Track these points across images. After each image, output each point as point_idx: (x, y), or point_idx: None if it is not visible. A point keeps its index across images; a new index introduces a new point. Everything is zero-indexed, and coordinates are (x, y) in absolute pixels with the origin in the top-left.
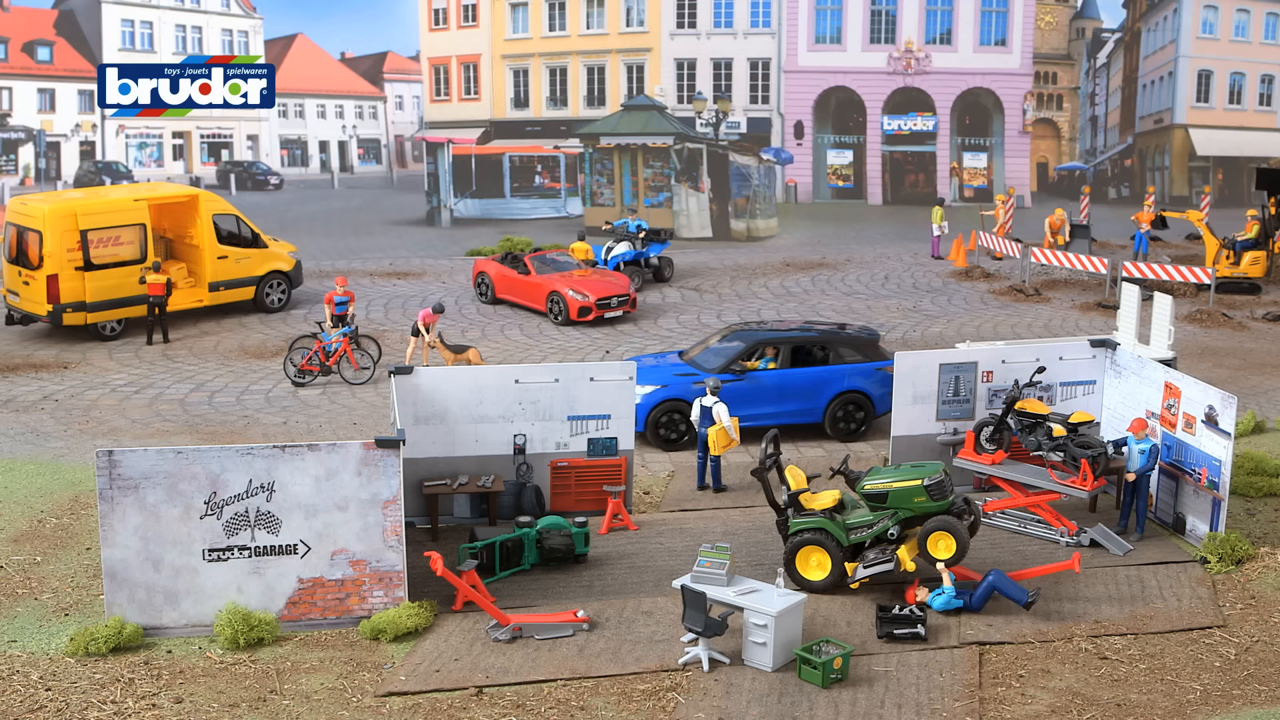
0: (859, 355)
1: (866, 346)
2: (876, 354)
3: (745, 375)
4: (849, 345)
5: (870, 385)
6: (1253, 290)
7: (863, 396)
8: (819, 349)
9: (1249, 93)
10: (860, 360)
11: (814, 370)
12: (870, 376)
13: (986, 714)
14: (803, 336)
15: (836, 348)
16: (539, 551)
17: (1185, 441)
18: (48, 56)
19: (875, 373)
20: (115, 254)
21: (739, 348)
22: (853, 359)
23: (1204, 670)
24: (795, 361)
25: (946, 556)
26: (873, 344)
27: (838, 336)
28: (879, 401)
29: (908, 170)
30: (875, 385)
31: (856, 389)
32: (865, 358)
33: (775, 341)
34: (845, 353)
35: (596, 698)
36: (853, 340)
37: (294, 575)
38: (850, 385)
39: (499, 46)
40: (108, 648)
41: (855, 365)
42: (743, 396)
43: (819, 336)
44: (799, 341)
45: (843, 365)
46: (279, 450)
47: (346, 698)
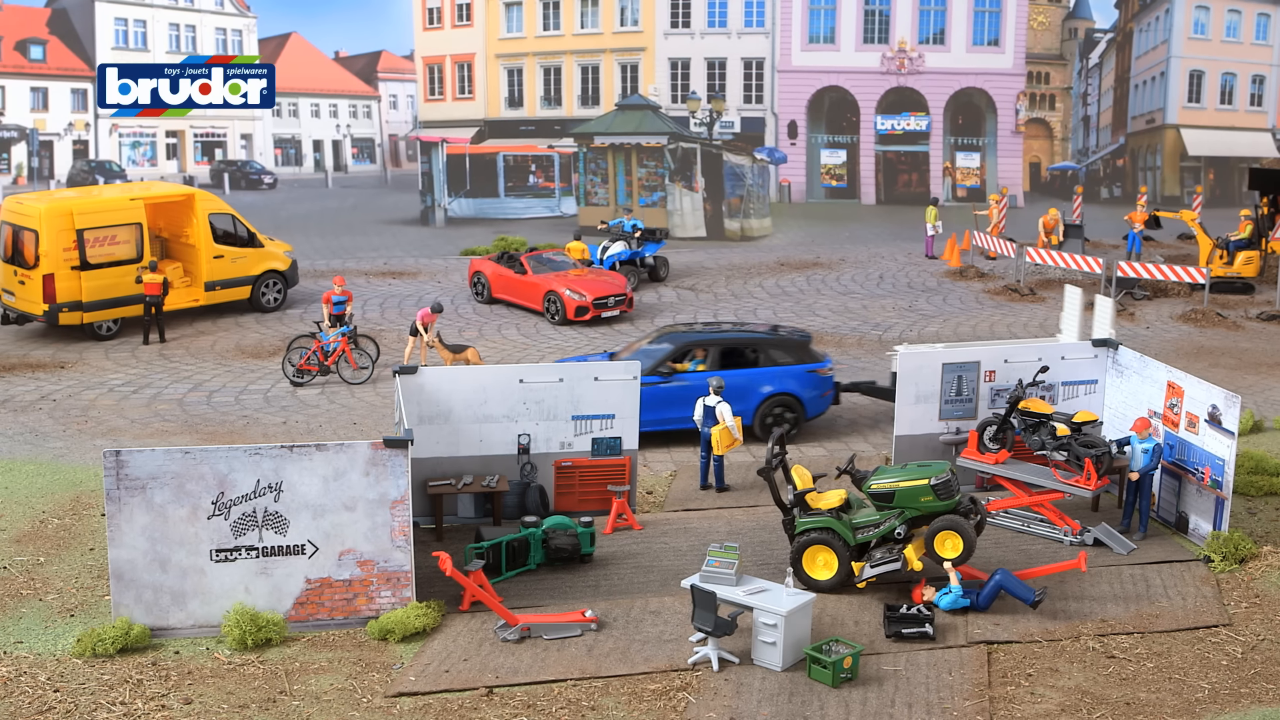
0: (790, 358)
1: (797, 349)
2: (808, 356)
3: (673, 377)
4: (779, 348)
5: (800, 388)
6: (1246, 290)
7: (793, 399)
8: (749, 351)
9: (1240, 93)
10: (791, 363)
11: (743, 372)
12: (800, 379)
13: (997, 713)
14: (732, 338)
15: (767, 350)
16: (545, 551)
17: (1188, 441)
18: (40, 55)
19: (806, 375)
20: (111, 253)
21: (667, 349)
22: (783, 361)
23: (1211, 669)
24: (725, 364)
25: (953, 556)
26: (804, 346)
27: (768, 339)
28: (810, 404)
29: (901, 170)
30: (806, 388)
31: (786, 391)
32: (796, 360)
33: (705, 343)
34: (776, 355)
35: (607, 697)
36: (783, 343)
37: (301, 575)
38: (780, 388)
39: (493, 46)
40: (115, 649)
41: (785, 368)
42: (670, 399)
43: (749, 339)
44: (728, 343)
45: (773, 368)
46: (287, 450)
47: (356, 698)
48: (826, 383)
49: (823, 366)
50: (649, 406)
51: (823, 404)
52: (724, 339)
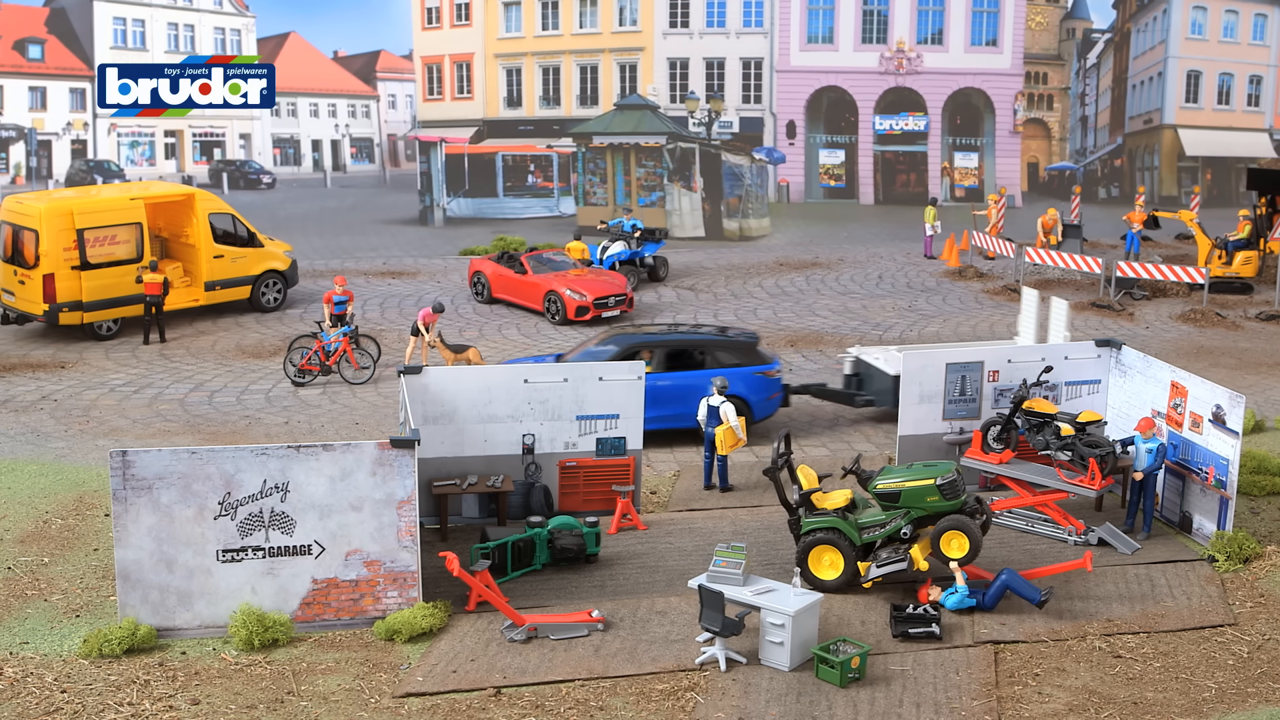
0: (737, 359)
1: (745, 351)
2: (755, 358)
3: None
4: (727, 349)
5: (747, 390)
6: (1245, 290)
7: (740, 401)
8: (696, 353)
9: (1237, 93)
10: (738, 364)
11: (688, 374)
12: (747, 381)
13: (1005, 713)
14: (677, 340)
15: (713, 352)
16: (550, 551)
17: (1192, 440)
18: (39, 54)
19: (753, 377)
20: (111, 253)
21: (613, 351)
22: (730, 363)
23: (1218, 668)
24: (671, 365)
25: (960, 556)
26: (751, 348)
27: (714, 340)
28: (757, 407)
29: (899, 170)
30: (753, 390)
31: (733, 394)
32: (743, 362)
33: (651, 345)
34: (722, 357)
35: (615, 698)
36: (730, 344)
37: (308, 576)
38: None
39: (492, 45)
40: (121, 649)
41: (732, 369)
42: None
43: (695, 340)
44: (674, 345)
45: (718, 369)
46: (293, 450)
47: (364, 699)
48: (775, 385)
49: (771, 368)
50: None
51: (771, 406)
52: (669, 341)
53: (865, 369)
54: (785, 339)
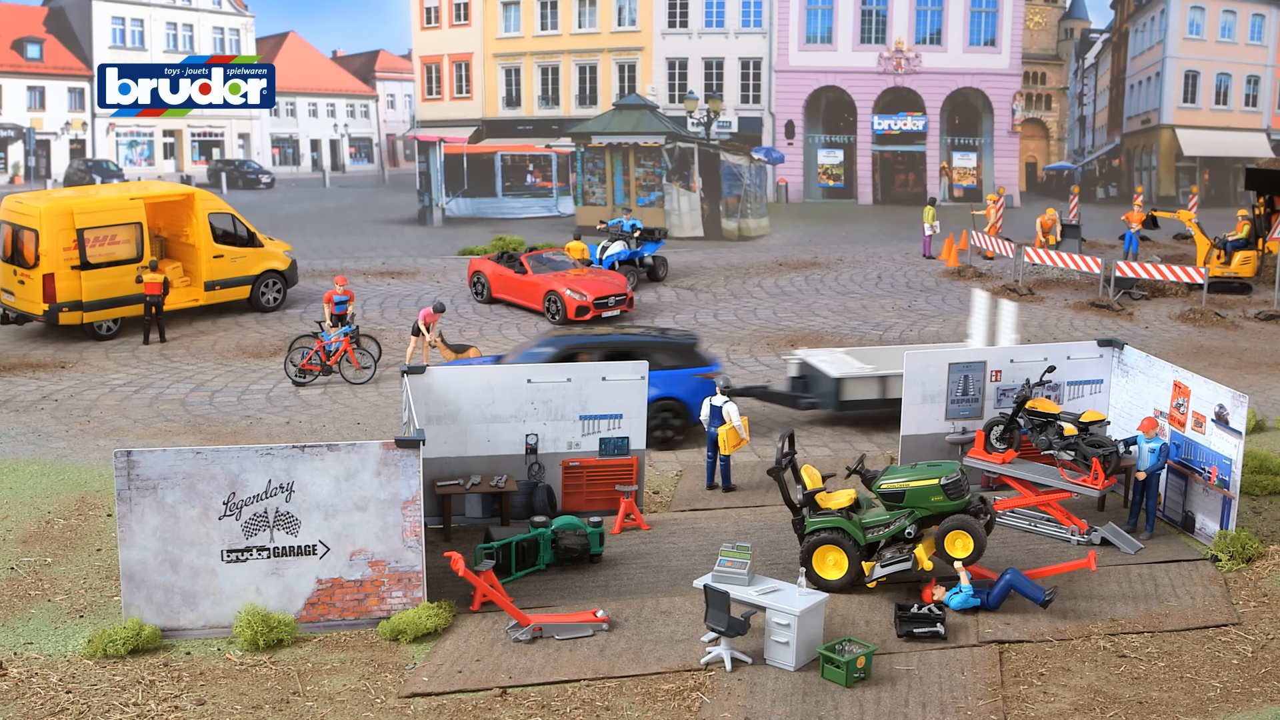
0: (675, 361)
1: (684, 353)
2: (695, 360)
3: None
4: (665, 351)
5: (686, 393)
6: (1243, 290)
7: (678, 404)
8: (633, 355)
9: (1235, 93)
10: (676, 366)
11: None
12: (686, 384)
13: (1011, 712)
14: (615, 342)
15: (651, 354)
16: (554, 551)
17: (1194, 440)
18: (37, 54)
19: (691, 380)
20: (111, 253)
21: (550, 353)
22: (669, 365)
23: (1222, 668)
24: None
25: (964, 555)
26: (690, 350)
27: (652, 342)
28: (696, 409)
29: (898, 170)
30: (691, 392)
31: (671, 396)
32: (682, 364)
33: (587, 347)
34: (661, 359)
35: (621, 698)
36: (669, 346)
37: (313, 576)
38: (664, 392)
39: (491, 45)
40: (126, 649)
41: (670, 372)
42: None
43: (632, 342)
44: (611, 347)
45: (657, 372)
46: (298, 450)
47: (370, 699)
48: (714, 387)
49: (710, 370)
50: None
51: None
52: (606, 342)
53: (810, 371)
54: (785, 339)
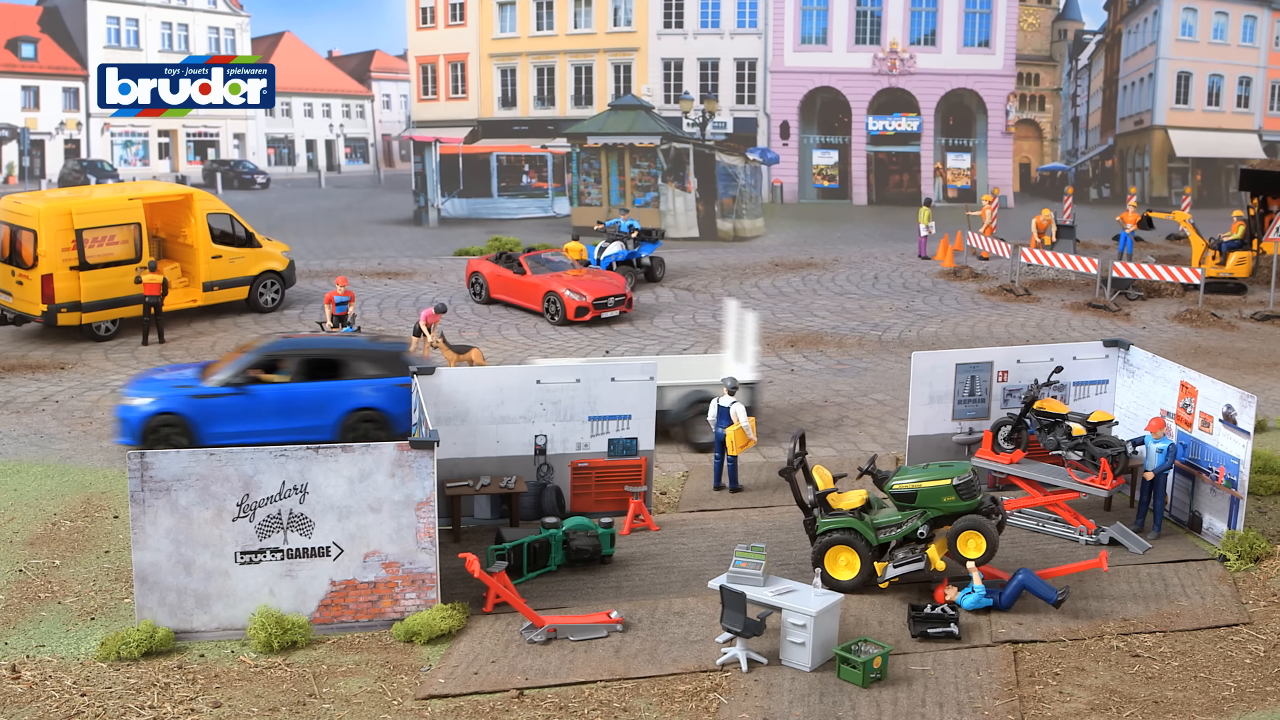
0: (380, 371)
1: (390, 362)
2: (399, 369)
3: (245, 389)
4: (370, 360)
5: (387, 402)
6: (1239, 290)
7: (379, 414)
8: (336, 363)
9: (1227, 94)
10: (380, 375)
11: (320, 385)
12: (388, 393)
13: (1028, 712)
14: (317, 349)
15: (355, 362)
16: (565, 552)
17: (1202, 440)
18: (32, 54)
19: (394, 389)
20: (110, 254)
21: (251, 360)
22: (372, 374)
23: (1235, 667)
24: (311, 375)
25: (976, 555)
26: (395, 358)
27: (357, 350)
28: (399, 420)
29: (892, 170)
30: (393, 402)
31: (371, 406)
32: (386, 373)
33: (289, 353)
34: (364, 368)
35: (638, 699)
36: (374, 355)
37: (326, 578)
38: (364, 402)
39: (486, 46)
40: (139, 652)
41: (371, 380)
42: (244, 411)
43: (334, 349)
44: (312, 354)
45: (357, 380)
46: (312, 452)
47: (387, 701)
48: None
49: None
50: (220, 418)
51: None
52: (306, 349)
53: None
54: (785, 339)
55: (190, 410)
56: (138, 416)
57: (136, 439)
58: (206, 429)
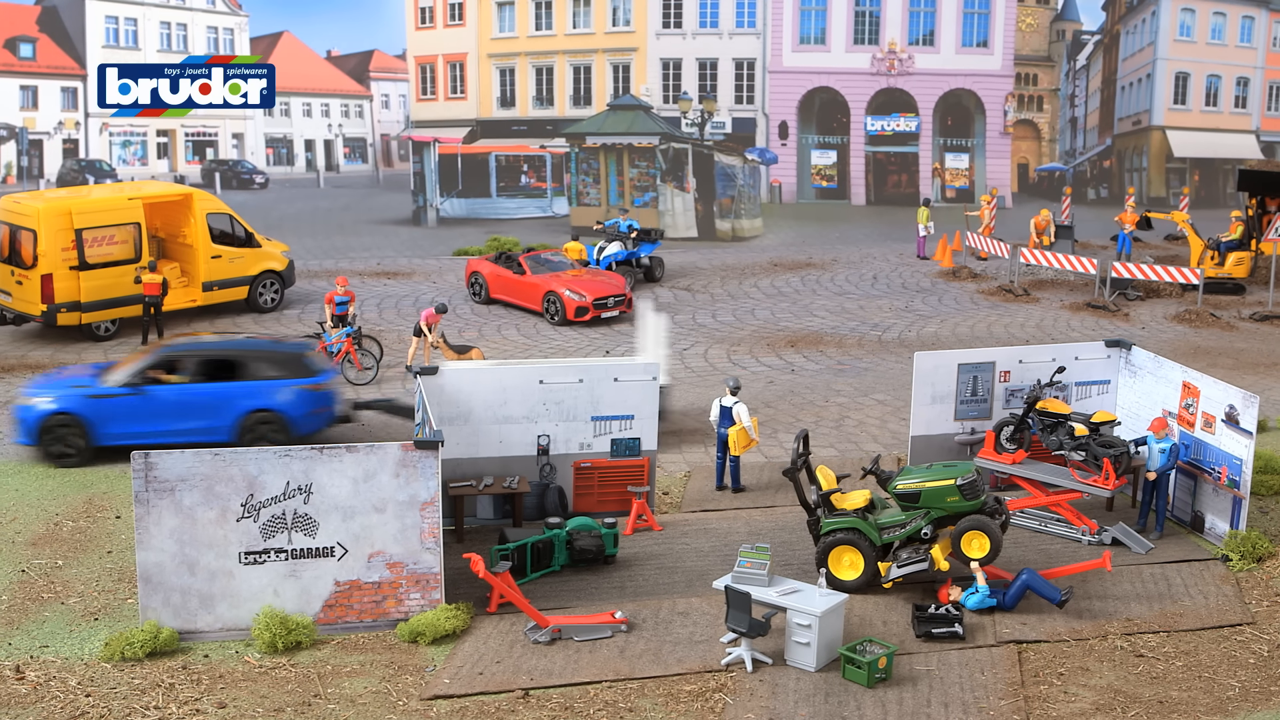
0: (278, 372)
1: (290, 364)
2: (300, 371)
3: (142, 390)
4: (268, 362)
5: (286, 404)
6: (1237, 290)
7: (276, 415)
8: (234, 364)
9: (1225, 95)
10: (279, 377)
11: (217, 386)
12: (285, 395)
13: (1033, 712)
14: (215, 350)
15: (253, 364)
16: (569, 553)
17: (1204, 440)
18: (30, 53)
19: (292, 391)
20: (110, 253)
21: (150, 361)
22: (270, 376)
23: (1239, 667)
24: (208, 376)
25: (980, 556)
26: (295, 360)
27: (255, 351)
28: (297, 422)
29: (890, 171)
30: (292, 404)
31: (268, 408)
32: (285, 374)
33: (187, 354)
34: (263, 369)
35: (643, 699)
36: (273, 356)
37: (330, 578)
38: (261, 403)
39: (485, 45)
40: (144, 652)
41: (269, 382)
42: (140, 411)
43: (233, 350)
44: (210, 355)
45: (254, 382)
46: (316, 452)
47: (392, 701)
48: (322, 399)
49: (316, 382)
50: (116, 419)
51: (315, 421)
52: (204, 350)
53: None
54: (785, 339)
55: (86, 410)
56: (34, 416)
57: (33, 438)
58: (102, 429)
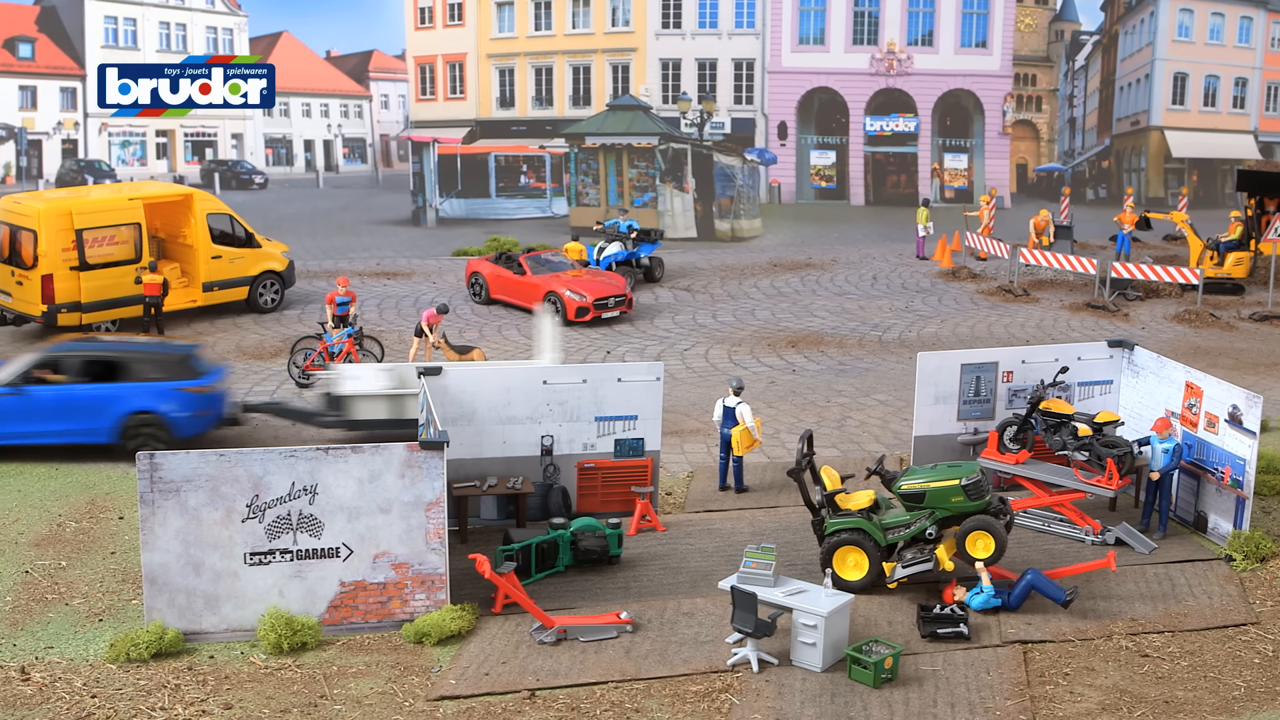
0: (160, 374)
1: (173, 366)
2: (184, 373)
3: (22, 391)
4: (151, 363)
5: (165, 405)
6: (1236, 291)
7: (156, 417)
8: (115, 365)
9: (1223, 95)
10: (161, 378)
11: (97, 388)
12: (166, 396)
13: (1039, 712)
14: (97, 352)
15: (135, 365)
16: (573, 553)
17: (1207, 440)
18: (29, 53)
19: (173, 393)
20: (110, 254)
21: (30, 361)
22: (153, 377)
23: (1244, 667)
24: (90, 377)
25: (985, 556)
26: (179, 362)
27: (138, 352)
28: (179, 424)
29: (889, 171)
30: (173, 406)
31: (148, 409)
32: (168, 376)
33: (68, 355)
34: (145, 370)
35: (650, 699)
36: (155, 358)
37: (336, 578)
38: (142, 405)
39: (484, 46)
40: (149, 653)
41: (149, 384)
42: (19, 412)
43: (114, 351)
44: (91, 356)
45: (136, 384)
46: (322, 453)
47: (398, 702)
48: (207, 401)
49: (201, 384)
50: None
51: (199, 424)
52: (87, 351)
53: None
54: (786, 340)
55: None
56: None
57: None
58: None
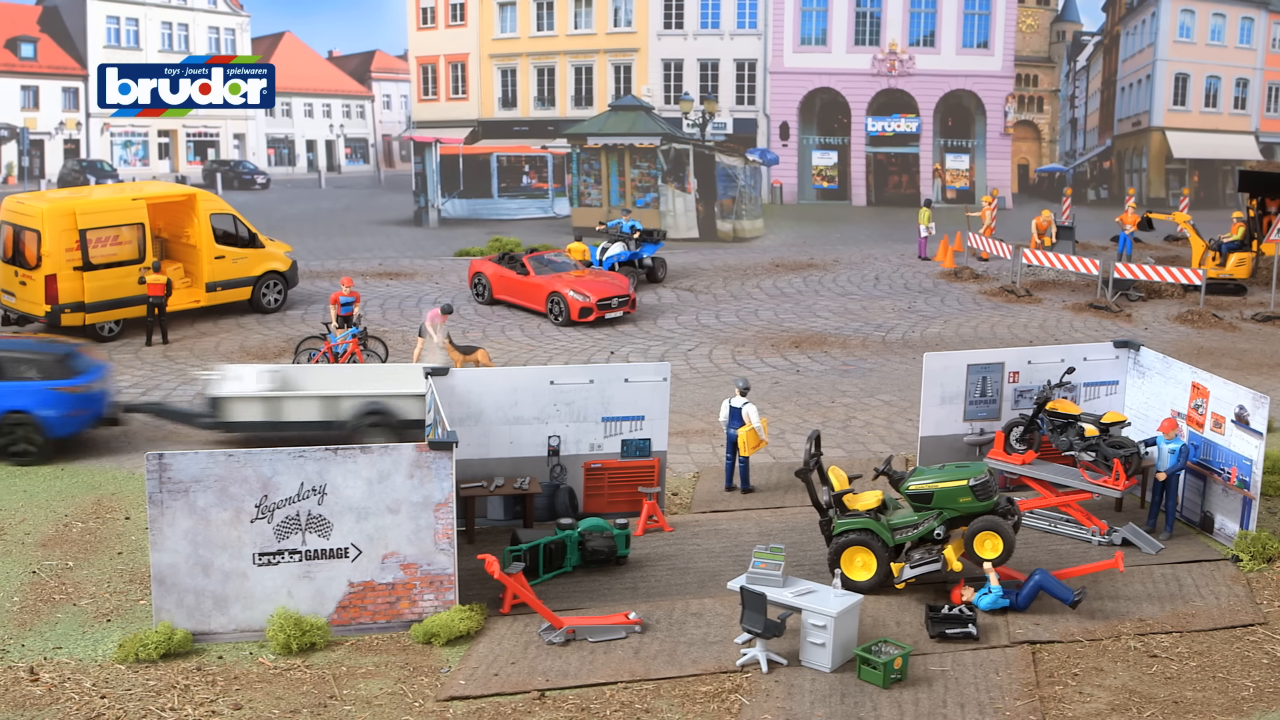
0: (36, 373)
1: (48, 365)
2: (60, 372)
3: None
4: (25, 362)
5: (38, 405)
6: (1238, 291)
7: (28, 417)
8: None
9: (1224, 96)
10: (35, 378)
11: None
12: (39, 396)
13: (1049, 713)
14: None
15: (9, 365)
16: (581, 553)
17: (1214, 441)
18: (31, 53)
19: (46, 393)
20: (114, 254)
21: None
22: (26, 376)
23: (1253, 667)
24: None
25: (993, 556)
26: (56, 362)
27: (12, 352)
28: (52, 424)
29: (891, 171)
30: (46, 406)
31: (21, 409)
32: (43, 376)
33: None
34: (19, 369)
35: (659, 700)
36: (29, 357)
37: (344, 579)
38: (13, 405)
39: (487, 46)
40: (158, 654)
41: (23, 383)
42: None
43: None
44: None
45: (8, 383)
46: (331, 453)
47: (408, 703)
48: (84, 401)
49: (76, 384)
50: None
51: (73, 424)
52: None
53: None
54: (789, 340)
55: None
56: None
57: None
58: None
